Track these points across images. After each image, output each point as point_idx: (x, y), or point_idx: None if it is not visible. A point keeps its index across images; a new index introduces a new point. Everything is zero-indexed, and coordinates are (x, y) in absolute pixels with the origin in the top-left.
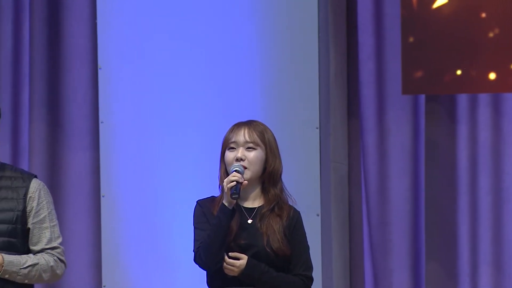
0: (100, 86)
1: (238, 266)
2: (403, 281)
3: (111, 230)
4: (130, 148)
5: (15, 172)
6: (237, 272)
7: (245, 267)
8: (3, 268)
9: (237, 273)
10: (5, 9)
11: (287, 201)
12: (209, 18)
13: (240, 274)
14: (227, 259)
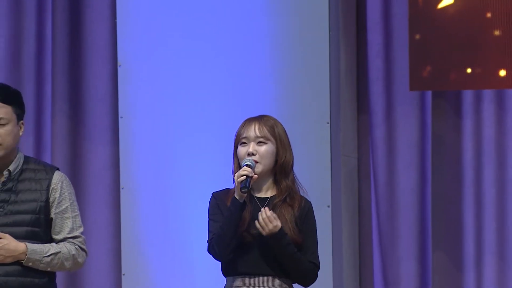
0: (119, 82)
1: (274, 225)
2: (410, 270)
3: (130, 221)
4: (148, 142)
5: (38, 165)
6: (268, 231)
7: (278, 230)
8: (26, 256)
9: (268, 232)
10: (29, 9)
11: (299, 192)
12: (224, 17)
13: (270, 236)
14: (267, 211)
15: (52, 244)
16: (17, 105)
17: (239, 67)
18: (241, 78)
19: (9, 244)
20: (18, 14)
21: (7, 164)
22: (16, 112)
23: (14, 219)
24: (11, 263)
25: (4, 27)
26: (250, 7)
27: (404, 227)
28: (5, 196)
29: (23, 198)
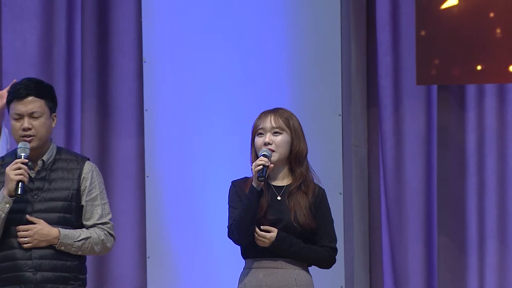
0: (144, 77)
1: (269, 238)
2: (417, 253)
3: (155, 207)
4: (171, 134)
5: (70, 155)
6: (268, 244)
7: (275, 239)
8: (59, 241)
9: (268, 245)
10: (59, 9)
11: (313, 180)
12: (242, 16)
13: (271, 246)
14: (258, 231)
15: (83, 229)
16: (50, 99)
17: (256, 63)
18: (258, 73)
19: (43, 229)
20: (49, 14)
21: (41, 154)
22: (49, 105)
23: (48, 206)
24: (45, 247)
25: (36, 26)
26: (267, 7)
27: (411, 212)
28: (39, 184)
29: (56, 186)
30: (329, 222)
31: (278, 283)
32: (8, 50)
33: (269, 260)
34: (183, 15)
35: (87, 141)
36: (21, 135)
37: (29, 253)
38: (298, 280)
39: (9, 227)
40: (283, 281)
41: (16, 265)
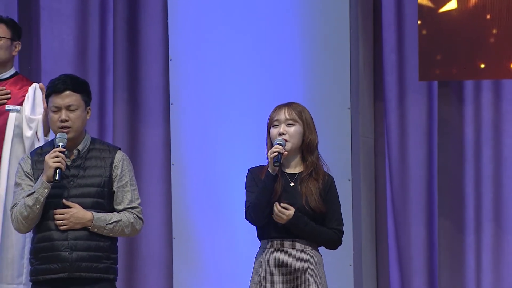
0: (170, 74)
1: (287, 215)
2: (419, 234)
3: (179, 192)
4: (195, 125)
5: (103, 145)
6: (285, 220)
7: (292, 217)
8: (93, 223)
9: (285, 221)
10: (93, 12)
11: (323, 168)
12: (260, 18)
13: (288, 223)
14: (278, 207)
15: (114, 213)
16: (85, 93)
17: (272, 61)
18: (275, 70)
19: (78, 213)
20: (83, 16)
21: (76, 144)
22: (84, 99)
23: (82, 191)
24: (79, 229)
25: (72, 27)
26: (283, 11)
27: (414, 197)
28: (75, 172)
29: (90, 174)
30: (337, 206)
31: (291, 261)
32: (47, 50)
33: (282, 241)
34: (205, 17)
35: (118, 132)
36: (59, 126)
37: (65, 234)
38: (309, 259)
39: (47, 211)
40: (295, 259)
41: (53, 245)
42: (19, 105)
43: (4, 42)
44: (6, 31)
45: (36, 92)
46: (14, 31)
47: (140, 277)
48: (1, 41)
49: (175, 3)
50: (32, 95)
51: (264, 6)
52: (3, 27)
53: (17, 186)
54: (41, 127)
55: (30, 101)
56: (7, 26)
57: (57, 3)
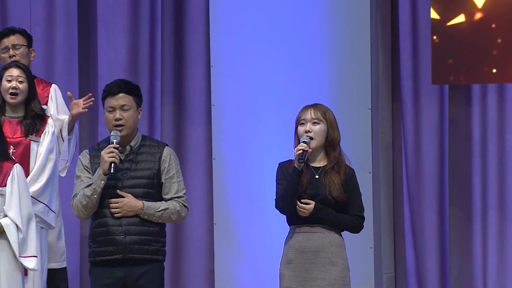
0: (212, 79)
1: (307, 209)
2: (432, 221)
3: (220, 183)
4: (233, 124)
5: (152, 142)
6: (307, 214)
7: (313, 210)
8: (143, 211)
9: (307, 214)
10: (143, 24)
11: (344, 161)
12: (290, 30)
13: (310, 215)
14: (299, 204)
15: (162, 202)
16: (137, 95)
17: (301, 67)
18: (304, 74)
19: (130, 202)
20: (135, 28)
21: (129, 141)
22: (136, 101)
23: (134, 183)
24: (132, 216)
25: (126, 37)
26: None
27: (427, 188)
28: (128, 165)
29: (141, 167)
30: (357, 195)
31: (316, 244)
32: (103, 57)
33: (308, 226)
34: (241, 29)
35: (166, 130)
36: (113, 124)
37: (119, 221)
38: (332, 242)
39: (103, 200)
40: (319, 242)
41: (109, 230)
42: (44, 105)
43: (24, 49)
44: (23, 39)
45: (56, 92)
46: (28, 39)
47: (185, 258)
48: (21, 48)
49: (216, 16)
50: (54, 95)
51: (295, 20)
52: (19, 37)
53: (77, 178)
54: (66, 128)
55: (54, 101)
56: (22, 35)
57: (112, 16)
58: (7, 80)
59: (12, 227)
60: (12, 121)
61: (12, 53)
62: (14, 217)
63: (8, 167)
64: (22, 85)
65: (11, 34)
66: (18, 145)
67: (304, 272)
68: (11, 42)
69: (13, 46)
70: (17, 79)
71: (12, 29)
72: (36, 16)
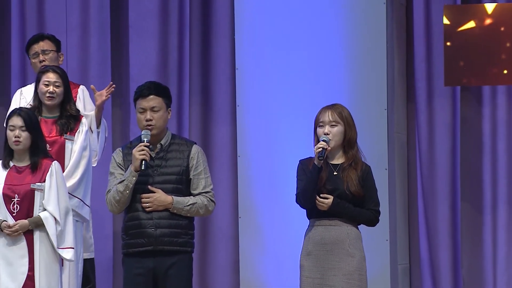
0: (236, 81)
1: (326, 203)
2: (444, 215)
3: (244, 179)
4: (257, 123)
5: (181, 140)
6: (326, 208)
7: (331, 204)
8: (173, 206)
9: (326, 208)
10: (173, 30)
11: (361, 159)
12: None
13: (328, 209)
14: (318, 198)
15: (191, 197)
16: (166, 97)
17: (322, 69)
18: (323, 77)
19: (160, 197)
20: (165, 33)
21: (159, 140)
22: (165, 102)
23: (164, 179)
24: (162, 210)
25: (156, 42)
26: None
27: (440, 183)
28: (158, 162)
29: (171, 164)
30: (373, 190)
31: (334, 236)
32: (134, 61)
33: (327, 219)
34: (265, 33)
35: (194, 129)
36: (144, 124)
37: (150, 215)
38: (350, 235)
39: (135, 195)
40: (337, 235)
41: (141, 223)
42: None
43: (53, 54)
44: (51, 45)
45: (84, 92)
46: (57, 44)
47: (212, 250)
48: (50, 53)
49: (240, 22)
50: (82, 95)
51: (315, 26)
52: (48, 42)
53: (111, 175)
54: (94, 121)
55: (82, 100)
56: (51, 41)
57: (143, 22)
58: (45, 84)
59: (50, 220)
60: (48, 121)
61: (42, 58)
62: (52, 211)
63: (47, 164)
64: (59, 89)
65: (40, 40)
66: (54, 144)
67: (323, 263)
68: (40, 47)
69: (43, 52)
70: (54, 83)
71: (41, 35)
72: (71, 23)
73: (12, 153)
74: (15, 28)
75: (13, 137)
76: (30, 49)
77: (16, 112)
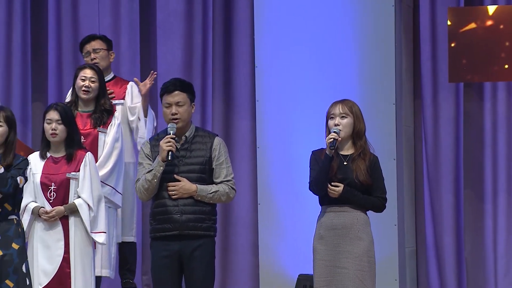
0: (256, 77)
1: (337, 191)
2: (449, 202)
3: (263, 168)
4: (275, 117)
5: (204, 132)
6: (337, 195)
7: (342, 192)
8: (197, 193)
9: (337, 195)
10: (197, 30)
11: (369, 150)
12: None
13: (339, 196)
14: (330, 186)
15: (213, 185)
16: (190, 92)
17: (335, 67)
18: (336, 74)
19: (185, 185)
20: (189, 33)
21: (184, 132)
22: (189, 97)
23: (189, 168)
24: (187, 198)
25: (181, 42)
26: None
27: (444, 173)
28: (183, 153)
29: (195, 155)
30: (380, 179)
31: (344, 222)
32: (162, 59)
33: (338, 206)
34: (282, 34)
35: (216, 122)
36: (170, 118)
37: (176, 202)
38: (359, 220)
39: (162, 184)
40: (347, 220)
41: (167, 210)
42: (122, 99)
43: (103, 52)
44: (102, 44)
45: (132, 87)
46: (107, 43)
47: (233, 234)
48: (101, 52)
49: (259, 24)
50: (130, 90)
51: (329, 26)
52: (99, 42)
53: (140, 165)
54: (141, 111)
55: (130, 94)
56: (102, 40)
57: (169, 23)
58: (81, 79)
59: (84, 207)
60: (83, 115)
61: (93, 57)
62: (86, 198)
63: (81, 155)
64: (94, 84)
65: (91, 40)
66: (88, 136)
67: (334, 246)
68: (92, 47)
69: (94, 50)
70: (90, 79)
71: (93, 35)
72: (103, 24)
73: (49, 145)
74: (52, 29)
75: (50, 130)
76: (82, 48)
77: (53, 106)
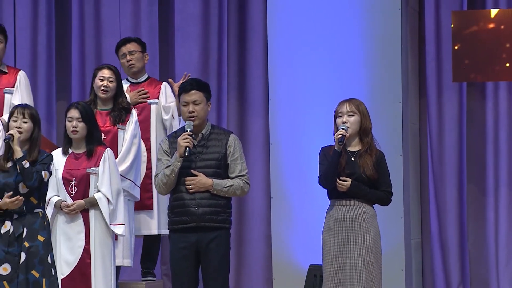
0: (269, 78)
1: (345, 185)
2: (452, 195)
3: (276, 164)
4: (287, 115)
5: (220, 130)
6: (345, 189)
7: (350, 186)
8: (213, 187)
9: (345, 190)
10: (213, 33)
11: (375, 146)
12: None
13: (347, 190)
14: (339, 181)
15: (229, 180)
16: (206, 91)
17: (344, 67)
18: (345, 74)
19: (202, 180)
20: (206, 36)
21: (200, 129)
22: (206, 96)
23: (205, 164)
24: (203, 191)
25: (198, 44)
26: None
27: (448, 168)
28: (200, 149)
29: (211, 151)
30: (386, 174)
31: (351, 215)
32: (179, 60)
33: (346, 200)
34: (294, 36)
35: (231, 120)
36: (187, 116)
37: (193, 195)
38: (366, 213)
39: (180, 178)
40: (355, 213)
41: (184, 203)
42: (157, 99)
43: (138, 54)
44: (137, 46)
45: (166, 88)
46: (142, 45)
47: (247, 227)
48: (136, 54)
49: (273, 26)
50: (164, 90)
51: (338, 29)
52: (134, 44)
53: (158, 161)
54: (175, 110)
55: (164, 94)
56: (137, 43)
57: (187, 26)
58: (100, 79)
59: (103, 200)
60: (103, 113)
61: (129, 58)
62: (105, 192)
63: (101, 151)
64: (112, 84)
65: (127, 42)
66: (108, 133)
67: (343, 238)
68: (127, 49)
69: (129, 53)
70: (108, 79)
71: (128, 38)
72: (124, 26)
73: (71, 142)
74: (75, 32)
75: (71, 127)
76: (118, 51)
77: (74, 105)
